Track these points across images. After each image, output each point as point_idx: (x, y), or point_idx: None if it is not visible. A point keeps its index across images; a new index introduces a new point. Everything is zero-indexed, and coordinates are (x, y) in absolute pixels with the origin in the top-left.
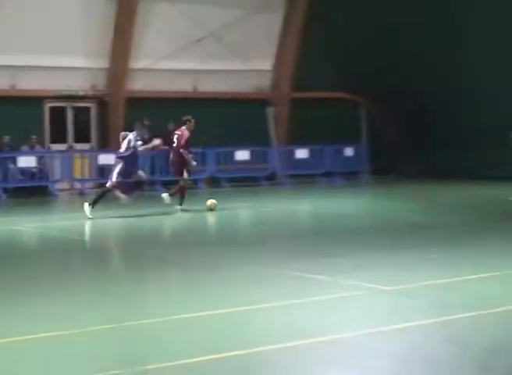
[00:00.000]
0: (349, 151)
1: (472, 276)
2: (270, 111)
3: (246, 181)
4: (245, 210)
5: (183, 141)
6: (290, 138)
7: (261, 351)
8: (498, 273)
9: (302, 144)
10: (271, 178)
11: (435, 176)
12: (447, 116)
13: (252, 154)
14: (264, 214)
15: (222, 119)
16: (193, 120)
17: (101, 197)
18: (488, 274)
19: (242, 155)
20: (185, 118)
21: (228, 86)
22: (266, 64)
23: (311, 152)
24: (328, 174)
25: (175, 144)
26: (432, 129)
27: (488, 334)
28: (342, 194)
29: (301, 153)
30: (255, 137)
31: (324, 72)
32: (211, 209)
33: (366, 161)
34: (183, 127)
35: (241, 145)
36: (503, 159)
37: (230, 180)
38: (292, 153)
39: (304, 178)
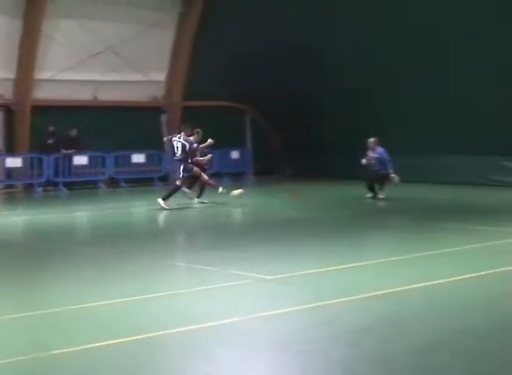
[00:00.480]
0: (235, 154)
1: (343, 266)
2: (163, 118)
3: (141, 182)
4: (140, 208)
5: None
6: None
7: (154, 337)
8: (365, 263)
9: None
10: (164, 179)
11: (312, 177)
12: (322, 120)
13: (147, 157)
14: (156, 211)
15: (120, 125)
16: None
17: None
18: (358, 264)
19: (138, 158)
20: (195, 130)
21: (125, 95)
22: (160, 75)
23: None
24: (216, 175)
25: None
26: (309, 133)
27: (356, 317)
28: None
29: None
30: (150, 142)
31: (212, 83)
32: (237, 197)
33: (250, 163)
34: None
35: (137, 149)
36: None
37: (127, 181)
38: None
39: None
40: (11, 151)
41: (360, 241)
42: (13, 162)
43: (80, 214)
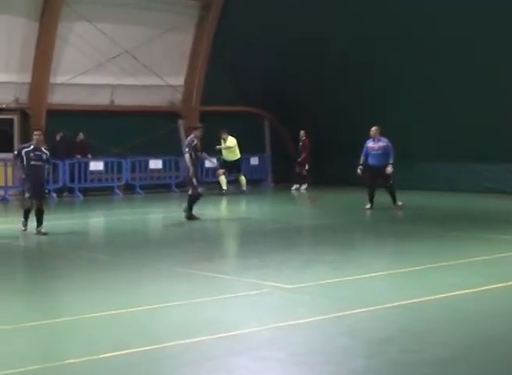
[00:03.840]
0: (254, 161)
1: (365, 275)
2: (181, 123)
3: (158, 188)
4: (157, 215)
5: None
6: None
7: (169, 346)
8: (387, 272)
9: (211, 153)
10: (182, 185)
11: (331, 184)
12: (340, 124)
13: (164, 163)
14: (174, 218)
15: (137, 130)
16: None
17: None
18: (379, 273)
19: (155, 164)
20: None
21: (142, 99)
22: (178, 80)
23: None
24: (234, 181)
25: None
26: (326, 139)
27: (377, 327)
28: (247, 200)
29: (210, 162)
30: (167, 148)
31: (230, 87)
32: None
33: (269, 169)
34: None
35: (154, 155)
36: None
37: (144, 187)
38: (201, 162)
39: (213, 185)
40: None
41: (380, 250)
42: None
43: (96, 220)
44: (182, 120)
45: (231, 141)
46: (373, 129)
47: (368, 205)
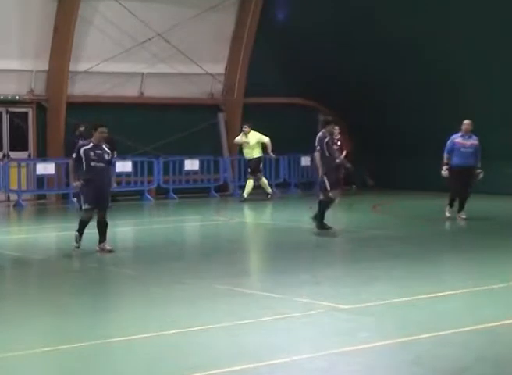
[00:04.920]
0: (306, 161)
1: (435, 294)
2: (222, 117)
3: (195, 192)
4: (192, 223)
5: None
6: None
7: None
8: (462, 291)
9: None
10: (223, 189)
11: (394, 188)
12: (405, 122)
13: (202, 163)
14: (212, 227)
15: (170, 126)
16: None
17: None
18: (452, 292)
19: (191, 164)
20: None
21: (177, 90)
22: (218, 67)
23: (266, 161)
24: (283, 185)
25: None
26: (390, 138)
27: (450, 356)
28: (297, 206)
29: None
30: (206, 146)
31: (277, 76)
32: None
33: None
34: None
35: (190, 154)
36: None
37: (178, 191)
38: (245, 163)
39: (257, 189)
40: (43, 155)
41: (453, 265)
42: (45, 168)
43: (123, 230)
44: (222, 114)
45: (252, 136)
46: (466, 122)
47: (449, 213)
